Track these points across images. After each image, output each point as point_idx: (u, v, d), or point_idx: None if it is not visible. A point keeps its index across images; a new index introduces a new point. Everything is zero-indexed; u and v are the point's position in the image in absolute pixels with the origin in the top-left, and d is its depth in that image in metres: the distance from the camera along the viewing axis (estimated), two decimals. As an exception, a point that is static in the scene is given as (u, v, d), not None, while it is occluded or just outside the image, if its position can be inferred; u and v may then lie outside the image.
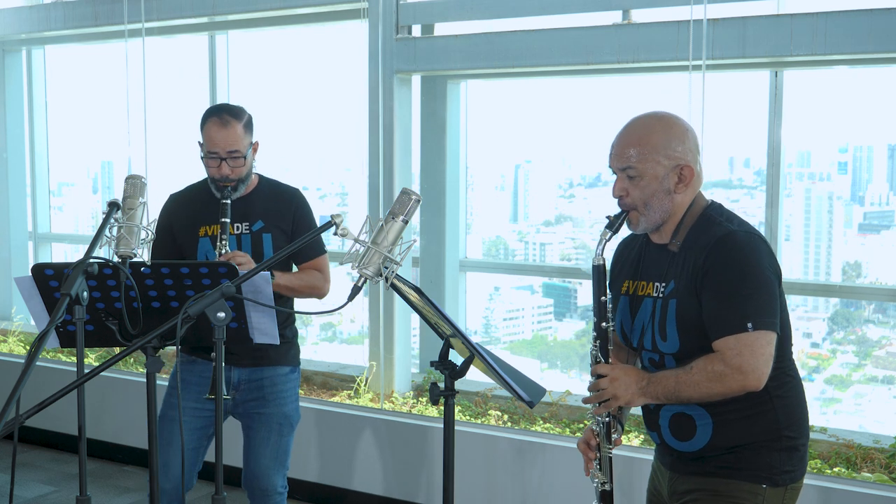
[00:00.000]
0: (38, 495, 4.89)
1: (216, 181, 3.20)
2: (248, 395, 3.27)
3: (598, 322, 2.33)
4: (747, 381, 2.12)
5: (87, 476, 2.36)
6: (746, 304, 2.13)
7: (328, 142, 6.02)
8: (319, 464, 4.72)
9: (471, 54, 4.78)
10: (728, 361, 2.12)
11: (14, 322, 6.57)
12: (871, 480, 3.79)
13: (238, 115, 3.23)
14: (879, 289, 4.65)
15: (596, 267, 2.31)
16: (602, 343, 2.32)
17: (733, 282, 2.15)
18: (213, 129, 3.18)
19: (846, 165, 4.88)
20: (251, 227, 3.25)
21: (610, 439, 2.37)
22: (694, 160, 2.28)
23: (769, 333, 2.13)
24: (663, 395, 2.21)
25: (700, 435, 2.26)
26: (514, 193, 5.70)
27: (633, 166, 2.25)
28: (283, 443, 3.31)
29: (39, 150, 6.86)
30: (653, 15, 4.39)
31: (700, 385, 2.15)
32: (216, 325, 2.13)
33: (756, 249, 2.19)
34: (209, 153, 3.19)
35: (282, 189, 3.37)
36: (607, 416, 2.34)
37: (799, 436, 2.27)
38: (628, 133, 2.29)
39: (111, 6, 5.72)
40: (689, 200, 2.29)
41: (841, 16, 3.92)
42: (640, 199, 2.27)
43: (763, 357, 2.12)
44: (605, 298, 2.31)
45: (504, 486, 4.26)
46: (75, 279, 2.26)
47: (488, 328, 5.74)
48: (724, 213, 2.29)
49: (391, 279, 2.17)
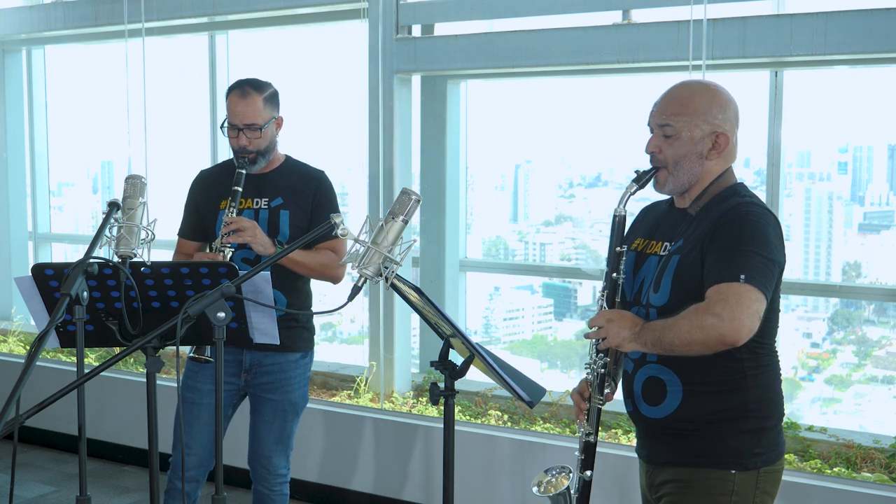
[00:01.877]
0: (38, 495, 4.89)
1: (237, 152, 3.27)
2: (258, 379, 3.34)
3: (609, 272, 2.34)
4: (724, 327, 2.07)
5: (87, 476, 2.36)
6: (746, 260, 2.13)
7: (328, 142, 6.02)
8: (319, 464, 4.72)
9: (471, 54, 4.78)
10: (712, 307, 2.10)
11: (14, 322, 6.57)
12: (871, 480, 3.79)
13: (260, 88, 3.28)
14: (879, 289, 4.65)
15: (616, 216, 2.33)
16: (610, 294, 2.34)
17: (739, 239, 2.16)
18: (233, 100, 3.26)
19: (846, 165, 4.88)
20: (270, 202, 3.30)
21: (602, 391, 2.36)
22: (732, 131, 2.31)
23: (759, 292, 2.11)
24: (651, 341, 2.21)
25: (669, 401, 2.27)
26: (514, 193, 5.70)
27: (671, 124, 2.28)
28: (287, 428, 3.39)
29: (39, 150, 6.86)
30: (653, 15, 4.39)
31: (682, 330, 2.13)
32: (216, 325, 2.13)
33: (769, 223, 2.21)
34: (229, 124, 3.26)
35: (307, 170, 3.41)
36: (602, 368, 2.34)
37: (767, 417, 2.27)
38: (673, 93, 2.33)
39: (111, 6, 5.72)
40: (719, 170, 2.31)
41: (841, 16, 3.92)
42: (672, 157, 2.29)
43: (748, 310, 2.08)
44: (619, 249, 2.33)
45: (504, 486, 4.26)
46: (75, 279, 2.26)
47: (488, 328, 5.74)
48: (750, 193, 2.32)
49: (391, 279, 2.17)
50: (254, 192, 3.28)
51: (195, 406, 3.30)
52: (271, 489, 3.40)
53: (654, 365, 2.29)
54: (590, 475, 2.40)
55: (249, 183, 3.27)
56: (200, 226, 3.38)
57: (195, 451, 3.30)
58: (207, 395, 3.30)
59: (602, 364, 2.35)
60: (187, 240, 3.44)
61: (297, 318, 3.32)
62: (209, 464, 3.37)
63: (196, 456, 3.30)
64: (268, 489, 3.40)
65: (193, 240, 3.42)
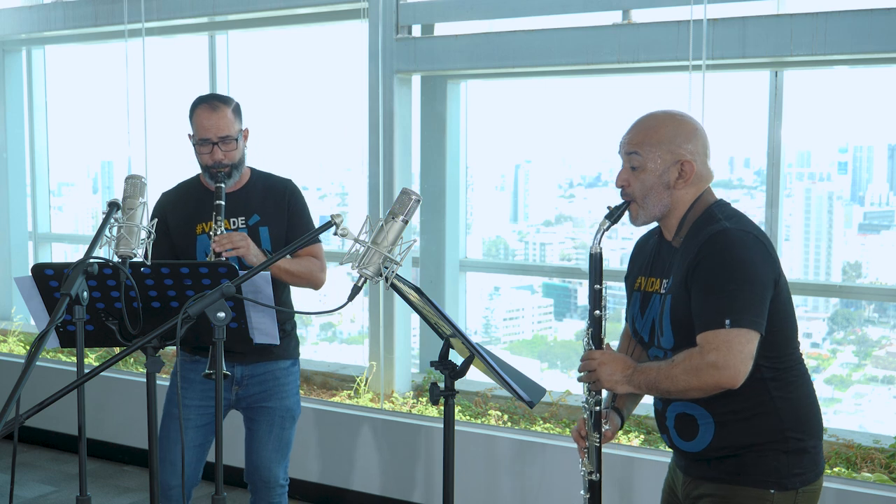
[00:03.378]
0: (38, 495, 4.89)
1: (210, 168, 3.21)
2: (251, 390, 3.30)
3: (591, 310, 2.34)
4: (721, 377, 2.09)
5: (87, 476, 2.36)
6: (728, 301, 2.12)
7: (328, 142, 6.02)
8: (320, 464, 4.72)
9: (471, 54, 4.78)
10: (704, 356, 2.11)
11: (14, 322, 6.57)
12: (871, 480, 3.79)
13: (227, 101, 3.27)
14: (879, 289, 4.65)
15: (592, 255, 2.33)
16: (594, 331, 2.34)
17: (718, 277, 2.15)
18: (203, 116, 3.21)
19: (846, 165, 4.88)
20: (247, 221, 3.27)
21: (598, 429, 2.36)
22: (700, 159, 2.29)
23: (749, 332, 2.11)
24: (645, 385, 2.22)
25: (703, 435, 2.26)
26: (514, 193, 5.70)
27: (638, 153, 2.29)
28: (286, 435, 3.36)
29: (39, 150, 6.86)
30: (653, 15, 4.39)
31: (678, 378, 2.15)
32: (216, 325, 2.13)
33: (747, 247, 2.18)
34: (201, 140, 3.20)
35: (274, 181, 3.39)
36: (596, 406, 2.35)
37: (807, 437, 2.24)
38: (638, 125, 2.33)
39: (111, 6, 5.72)
40: (690, 197, 2.30)
41: (841, 16, 3.92)
42: (639, 191, 2.30)
43: (740, 355, 2.09)
44: (598, 287, 2.33)
45: (504, 486, 4.26)
46: (75, 279, 2.26)
47: (488, 328, 5.74)
48: (727, 212, 2.29)
49: (391, 279, 2.17)
50: (230, 212, 3.22)
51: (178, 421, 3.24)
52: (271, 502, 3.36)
53: (681, 402, 2.28)
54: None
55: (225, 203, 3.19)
56: (171, 249, 3.27)
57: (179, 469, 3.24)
58: (194, 411, 3.27)
59: (595, 402, 2.35)
60: None
61: (284, 327, 3.26)
62: (196, 480, 3.33)
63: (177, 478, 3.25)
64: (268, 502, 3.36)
65: None
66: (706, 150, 2.32)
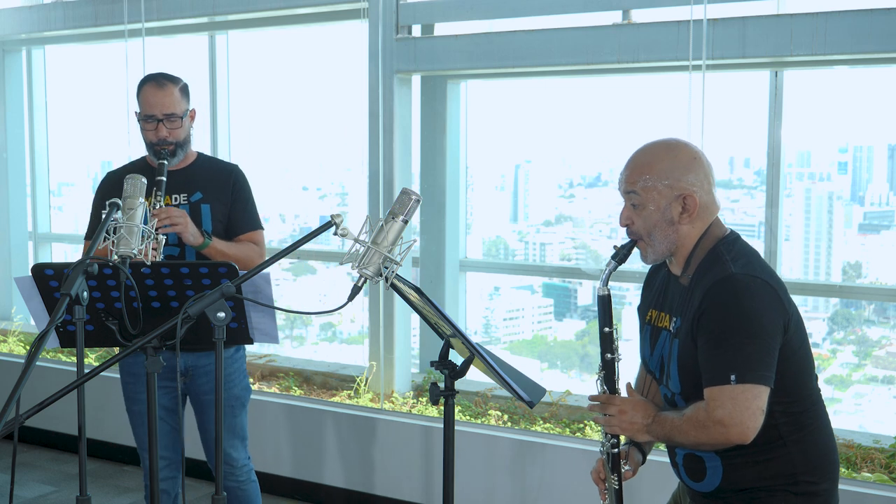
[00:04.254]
0: (38, 495, 4.89)
1: (154, 145, 3.24)
2: (197, 381, 3.31)
3: (602, 353, 2.28)
4: (729, 434, 2.05)
5: (87, 476, 2.36)
6: (734, 356, 2.05)
7: (328, 142, 6.02)
8: (320, 464, 4.72)
9: (471, 54, 4.78)
10: (711, 413, 2.06)
11: (14, 322, 6.57)
12: (871, 480, 3.79)
13: (174, 80, 3.31)
14: (879, 289, 4.65)
15: (601, 297, 2.27)
16: (607, 374, 2.28)
17: (724, 330, 2.07)
18: (149, 93, 3.25)
19: (846, 165, 4.88)
20: (189, 197, 3.29)
21: (617, 471, 2.32)
22: (703, 190, 2.19)
23: (756, 387, 2.04)
24: (661, 436, 2.19)
25: (710, 477, 2.22)
26: (514, 193, 5.70)
27: (637, 192, 2.20)
28: (238, 422, 3.39)
29: (39, 150, 6.86)
30: (653, 15, 4.39)
31: (688, 433, 2.11)
32: (216, 325, 2.13)
33: (755, 296, 2.08)
34: (146, 116, 3.24)
35: (221, 164, 3.45)
36: (613, 449, 2.31)
37: (819, 480, 2.18)
38: (634, 160, 2.24)
39: (111, 6, 5.72)
40: (697, 232, 2.21)
41: (841, 16, 3.92)
42: (643, 228, 2.22)
43: (748, 411, 2.03)
44: (608, 329, 2.27)
45: (504, 486, 4.26)
46: (75, 279, 2.25)
47: (488, 328, 5.74)
48: (734, 251, 2.19)
49: (391, 279, 2.17)
50: (172, 189, 3.25)
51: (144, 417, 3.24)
52: (239, 481, 3.39)
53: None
54: None
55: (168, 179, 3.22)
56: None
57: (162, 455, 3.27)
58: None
59: (612, 445, 2.30)
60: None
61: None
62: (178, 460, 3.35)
63: (164, 458, 3.29)
64: (235, 482, 3.39)
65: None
66: (709, 178, 2.22)
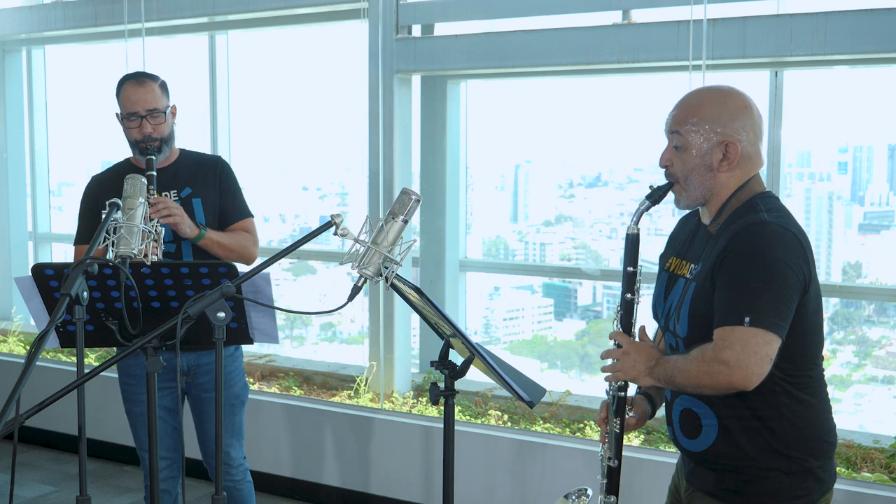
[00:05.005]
0: (38, 495, 4.89)
1: (139, 142, 3.25)
2: (198, 380, 3.33)
3: (623, 293, 2.24)
4: (733, 375, 2.00)
5: (87, 476, 2.36)
6: (752, 298, 2.00)
7: (328, 142, 6.02)
8: (319, 464, 4.72)
9: (471, 54, 4.78)
10: (717, 352, 2.02)
11: (14, 322, 6.57)
12: (871, 480, 3.79)
13: (153, 77, 3.33)
14: (879, 289, 4.65)
15: (628, 235, 2.23)
16: (625, 315, 2.24)
17: (745, 272, 2.03)
18: (129, 91, 3.27)
19: (846, 165, 4.88)
20: (179, 193, 3.30)
21: (621, 415, 2.27)
22: (747, 140, 2.15)
23: (768, 334, 2.00)
24: (663, 378, 2.14)
25: (705, 435, 2.19)
26: (514, 193, 5.70)
27: (680, 132, 2.17)
28: (235, 421, 3.41)
29: (39, 150, 6.86)
30: (653, 15, 4.39)
31: (691, 373, 2.07)
32: (216, 325, 2.13)
33: (784, 244, 2.05)
34: (129, 115, 3.25)
35: (205, 157, 3.46)
36: (620, 392, 2.26)
37: (813, 458, 2.15)
38: (683, 101, 2.22)
39: (111, 6, 5.72)
40: (735, 182, 2.17)
41: (841, 16, 3.92)
42: (682, 171, 2.19)
43: (756, 356, 1.99)
44: (632, 269, 2.22)
45: (504, 486, 4.26)
46: (75, 279, 2.26)
47: (488, 328, 5.74)
48: (770, 204, 2.15)
49: (391, 279, 2.17)
50: (161, 187, 3.25)
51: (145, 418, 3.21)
52: (234, 480, 3.41)
53: (687, 397, 2.20)
54: (614, 500, 2.31)
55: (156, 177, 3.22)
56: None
57: (163, 455, 3.29)
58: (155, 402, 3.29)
59: (619, 387, 2.26)
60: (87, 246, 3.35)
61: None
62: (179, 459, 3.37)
63: (165, 458, 3.31)
64: (231, 481, 3.40)
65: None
66: (756, 130, 2.17)
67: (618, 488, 2.33)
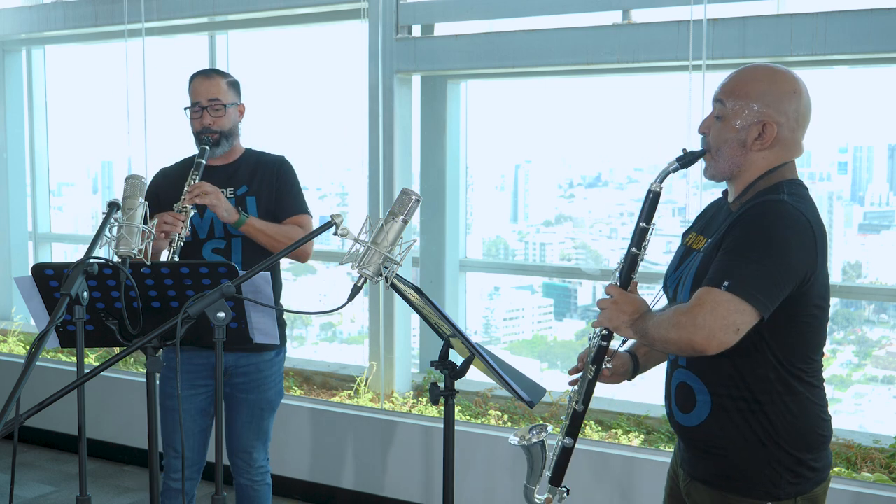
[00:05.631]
0: (38, 495, 4.89)
1: (199, 133, 3.29)
2: (235, 380, 3.35)
3: (630, 246, 2.21)
4: (695, 335, 1.96)
5: (87, 476, 2.36)
6: (739, 266, 1.97)
7: (328, 142, 6.02)
8: (319, 464, 4.72)
9: (471, 54, 4.78)
10: (689, 309, 1.99)
11: (14, 322, 6.57)
12: (871, 480, 3.79)
13: (223, 73, 3.37)
14: (879, 289, 4.65)
15: (650, 192, 2.19)
16: (627, 269, 2.20)
17: (745, 241, 2.01)
18: (196, 82, 3.33)
19: (846, 165, 4.88)
20: (235, 191, 3.33)
21: (598, 363, 2.26)
22: (787, 125, 2.12)
23: (743, 303, 1.95)
24: (641, 330, 2.11)
25: (699, 409, 2.16)
26: (514, 193, 5.70)
27: (723, 102, 2.16)
28: (264, 425, 3.44)
29: (39, 150, 6.86)
30: (653, 15, 4.39)
31: (660, 325, 2.04)
32: (216, 325, 2.13)
33: (793, 226, 2.01)
34: (192, 105, 3.30)
35: (268, 157, 3.45)
36: (603, 341, 2.25)
37: (803, 450, 2.15)
38: (737, 73, 2.21)
39: (111, 6, 5.72)
40: (767, 164, 2.13)
41: (841, 16, 3.92)
42: (715, 141, 2.16)
43: (723, 321, 1.94)
44: (645, 225, 2.19)
45: (504, 486, 4.26)
46: (75, 279, 2.26)
47: (488, 328, 5.74)
48: (796, 190, 2.11)
49: (391, 279, 2.17)
50: (219, 183, 3.28)
51: (177, 413, 3.28)
52: (254, 481, 3.44)
53: (683, 370, 2.19)
54: (570, 443, 2.32)
55: (215, 175, 3.28)
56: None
57: (187, 454, 3.32)
58: (186, 401, 3.32)
59: (601, 336, 2.24)
60: None
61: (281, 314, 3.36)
62: (202, 462, 3.42)
63: (188, 458, 3.34)
64: (250, 481, 3.44)
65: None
66: (801, 116, 2.14)
67: (577, 432, 2.32)
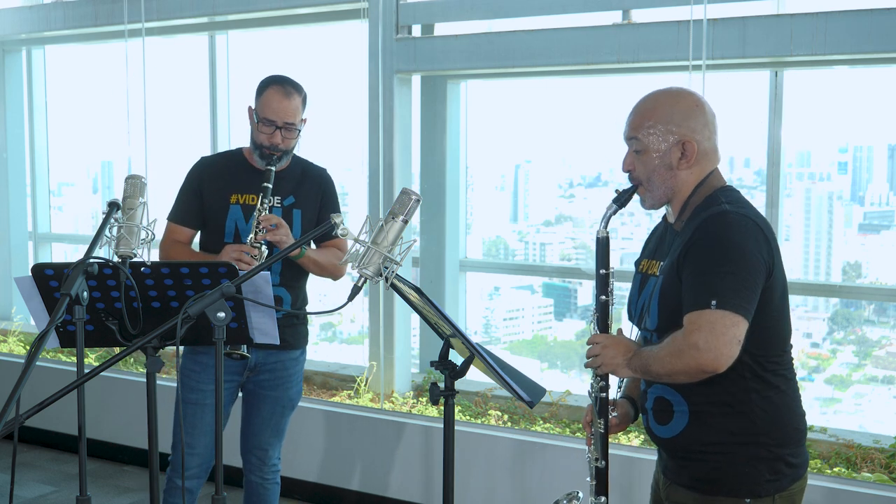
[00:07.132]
0: (38, 495, 4.89)
1: (264, 148, 3.24)
2: (260, 377, 3.37)
3: (598, 294, 2.29)
4: (702, 357, 2.03)
5: (87, 476, 2.36)
6: (717, 283, 2.05)
7: (328, 142, 6.02)
8: (319, 464, 4.72)
9: (471, 54, 4.78)
10: (687, 337, 2.05)
11: (14, 322, 6.57)
12: (871, 480, 3.79)
13: (299, 90, 3.31)
14: (879, 289, 4.65)
15: (599, 239, 2.28)
16: (601, 316, 2.29)
17: (710, 259, 2.08)
18: (274, 98, 3.24)
19: (846, 165, 4.88)
20: (282, 201, 3.32)
21: (604, 416, 2.31)
22: (703, 137, 2.21)
23: (735, 316, 2.03)
24: (640, 368, 2.17)
25: (676, 421, 2.21)
26: (514, 193, 5.70)
27: (638, 137, 2.24)
28: (284, 422, 3.46)
29: (39, 150, 6.87)
30: (653, 15, 4.39)
31: (663, 360, 2.10)
32: (216, 325, 2.13)
33: (745, 231, 2.10)
34: (266, 119, 3.23)
35: (312, 168, 3.45)
36: (602, 393, 2.30)
37: (783, 445, 2.18)
38: (637, 107, 2.28)
39: (111, 6, 5.72)
40: (695, 179, 2.23)
41: (841, 16, 3.93)
42: (643, 173, 2.25)
43: (724, 337, 2.02)
44: (605, 272, 2.27)
45: (504, 486, 4.26)
46: (75, 279, 2.25)
47: (488, 328, 5.74)
48: (731, 196, 2.21)
49: (391, 279, 2.17)
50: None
51: (198, 406, 3.30)
52: (265, 478, 3.45)
53: (661, 385, 2.24)
54: (604, 500, 2.35)
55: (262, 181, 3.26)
56: (199, 214, 3.32)
57: (198, 451, 3.32)
58: (210, 396, 3.32)
59: (600, 388, 2.31)
60: (181, 226, 3.35)
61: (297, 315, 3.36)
62: (211, 462, 3.40)
63: (199, 455, 3.33)
64: (261, 479, 3.45)
65: (188, 226, 3.35)
66: (710, 126, 2.24)
67: (607, 488, 2.35)
